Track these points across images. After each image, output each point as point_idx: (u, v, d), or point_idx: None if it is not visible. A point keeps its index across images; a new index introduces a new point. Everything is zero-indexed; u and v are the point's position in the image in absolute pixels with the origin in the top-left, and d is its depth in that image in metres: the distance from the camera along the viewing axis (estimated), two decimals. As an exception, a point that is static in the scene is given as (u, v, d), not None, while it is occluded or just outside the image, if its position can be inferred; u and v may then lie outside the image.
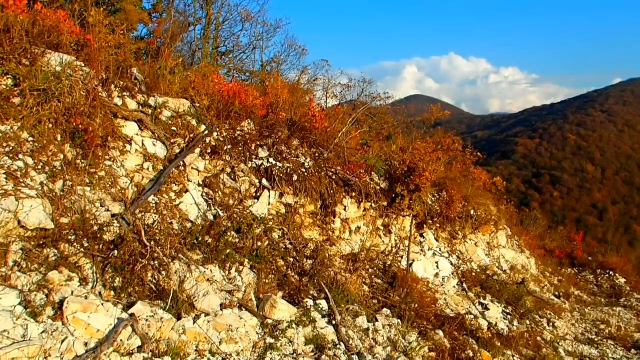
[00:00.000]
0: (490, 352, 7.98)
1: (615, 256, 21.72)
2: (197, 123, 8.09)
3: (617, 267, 19.67)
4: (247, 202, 7.94)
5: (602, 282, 18.52)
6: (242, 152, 8.33)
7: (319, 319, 6.33)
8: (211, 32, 17.99)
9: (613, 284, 18.22)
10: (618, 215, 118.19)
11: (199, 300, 5.50)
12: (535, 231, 23.06)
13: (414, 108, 22.64)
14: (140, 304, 4.87)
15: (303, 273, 7.43)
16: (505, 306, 11.13)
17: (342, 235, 9.65)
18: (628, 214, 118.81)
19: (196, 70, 10.36)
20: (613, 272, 19.18)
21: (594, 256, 21.46)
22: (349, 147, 11.05)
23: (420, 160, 10.73)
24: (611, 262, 20.20)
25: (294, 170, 8.69)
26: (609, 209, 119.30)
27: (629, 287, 17.95)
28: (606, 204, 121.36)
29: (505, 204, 19.45)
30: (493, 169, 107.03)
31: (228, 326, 5.30)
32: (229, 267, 6.49)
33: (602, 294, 16.98)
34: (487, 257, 13.79)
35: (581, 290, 16.60)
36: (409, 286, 8.85)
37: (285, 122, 9.84)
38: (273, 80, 12.70)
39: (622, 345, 10.97)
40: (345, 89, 18.69)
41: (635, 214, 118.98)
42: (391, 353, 6.41)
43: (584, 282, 18.20)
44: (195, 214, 7.06)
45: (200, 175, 7.69)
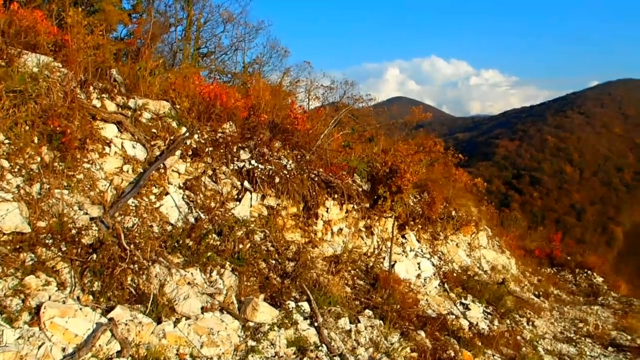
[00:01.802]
0: (471, 352, 8.04)
1: (593, 256, 22.09)
2: (177, 125, 8.03)
3: (595, 266, 20.03)
4: (229, 204, 7.90)
5: (580, 281, 18.83)
6: (223, 154, 8.29)
7: (301, 321, 6.31)
8: (192, 33, 17.89)
9: (591, 283, 18.54)
10: (596, 215, 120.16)
11: (179, 303, 5.44)
12: (516, 231, 23.33)
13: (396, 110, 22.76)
14: (119, 308, 4.81)
15: (285, 275, 7.41)
16: (486, 306, 11.24)
17: (325, 236, 9.64)
18: (605, 215, 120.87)
19: (177, 71, 10.28)
20: (591, 271, 19.52)
21: (573, 256, 21.80)
22: (331, 149, 11.05)
23: (402, 161, 10.79)
24: (589, 261, 20.56)
25: (276, 172, 8.67)
26: (587, 210, 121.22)
27: (606, 286, 18.28)
28: (584, 204, 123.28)
29: (486, 204, 19.65)
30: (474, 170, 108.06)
31: (209, 329, 5.25)
32: (210, 269, 6.44)
33: (581, 293, 17.25)
34: (468, 258, 13.91)
35: (560, 289, 16.84)
36: (391, 287, 8.89)
37: (267, 124, 9.81)
38: (255, 81, 12.66)
39: (600, 343, 11.16)
40: (327, 91, 18.73)
41: (612, 214, 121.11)
42: (373, 354, 6.42)
43: (562, 282, 18.48)
44: (175, 216, 6.99)
45: (180, 178, 7.62)
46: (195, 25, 17.98)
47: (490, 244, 16.02)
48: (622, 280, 19.90)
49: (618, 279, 19.92)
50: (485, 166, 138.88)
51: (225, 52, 19.01)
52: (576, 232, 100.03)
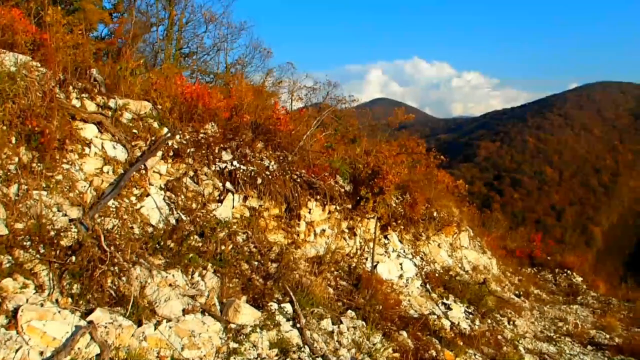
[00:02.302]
0: (452, 351, 8.09)
1: (572, 256, 22.41)
2: (159, 125, 7.96)
3: (574, 266, 20.30)
4: (211, 205, 7.85)
5: (560, 280, 19.06)
6: (205, 155, 8.23)
7: (284, 322, 6.30)
8: (174, 33, 17.76)
9: (570, 282, 18.78)
10: (575, 216, 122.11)
11: (160, 305, 5.40)
12: (497, 232, 23.56)
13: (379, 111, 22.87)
14: (99, 310, 4.75)
15: (267, 276, 7.39)
16: (468, 306, 11.32)
17: (307, 238, 9.64)
18: (584, 215, 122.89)
19: (158, 71, 10.20)
20: (570, 271, 19.77)
21: (553, 256, 22.07)
22: (314, 150, 11.05)
23: (384, 163, 10.84)
24: (568, 261, 20.83)
25: (258, 173, 8.65)
26: (566, 210, 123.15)
27: (585, 285, 18.54)
28: (564, 205, 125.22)
29: (467, 205, 19.82)
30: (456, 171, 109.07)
31: (190, 331, 5.22)
32: (191, 271, 6.39)
33: (560, 293, 17.47)
34: (449, 258, 14.01)
35: (540, 289, 17.03)
36: (373, 288, 8.91)
37: (249, 124, 9.78)
38: (237, 82, 12.61)
39: (579, 341, 11.29)
40: (310, 92, 18.71)
41: (591, 214, 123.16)
42: (355, 355, 6.43)
43: (543, 281, 18.69)
44: (157, 218, 6.93)
45: (162, 179, 7.56)
46: (177, 25, 17.87)
47: (471, 245, 16.15)
48: (601, 279, 20.21)
49: (597, 278, 20.23)
50: (467, 167, 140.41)
51: (207, 52, 18.92)
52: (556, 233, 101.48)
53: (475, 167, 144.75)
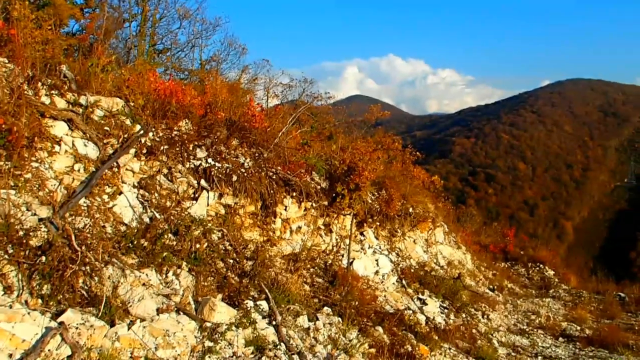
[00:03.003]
0: (427, 346, 8.19)
1: (544, 250, 22.88)
2: (131, 123, 7.84)
3: (547, 260, 20.73)
4: (185, 203, 7.77)
5: (532, 274, 19.44)
6: (179, 153, 8.14)
7: (260, 320, 6.28)
8: (147, 29, 17.52)
9: (543, 276, 19.18)
10: (547, 210, 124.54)
11: (133, 305, 5.33)
12: (471, 227, 23.89)
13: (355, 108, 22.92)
14: (70, 311, 4.66)
15: (243, 274, 7.36)
16: (443, 300, 11.45)
17: (283, 235, 9.62)
18: (556, 210, 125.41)
19: (131, 68, 10.04)
20: (543, 265, 20.18)
21: (526, 250, 22.49)
22: (290, 147, 11.03)
23: (360, 159, 10.87)
24: (541, 255, 21.26)
25: (234, 171, 8.58)
26: (539, 205, 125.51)
27: (557, 278, 18.94)
28: (536, 200, 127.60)
29: (442, 201, 20.05)
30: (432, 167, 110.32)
31: (165, 331, 5.17)
32: (166, 270, 6.32)
33: (533, 286, 17.82)
34: (425, 254, 14.14)
35: (514, 283, 17.33)
36: (349, 284, 8.95)
37: (224, 121, 9.69)
38: (212, 79, 12.50)
39: (551, 334, 11.54)
40: (286, 89, 18.69)
41: (562, 209, 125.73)
42: (332, 351, 6.44)
43: (516, 275, 19.03)
44: (130, 216, 6.83)
45: (135, 177, 7.45)
46: (150, 21, 17.63)
47: (446, 240, 16.34)
48: (572, 273, 20.67)
49: (568, 271, 20.68)
50: (442, 163, 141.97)
51: (181, 48, 18.71)
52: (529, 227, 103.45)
53: (450, 163, 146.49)
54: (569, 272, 20.49)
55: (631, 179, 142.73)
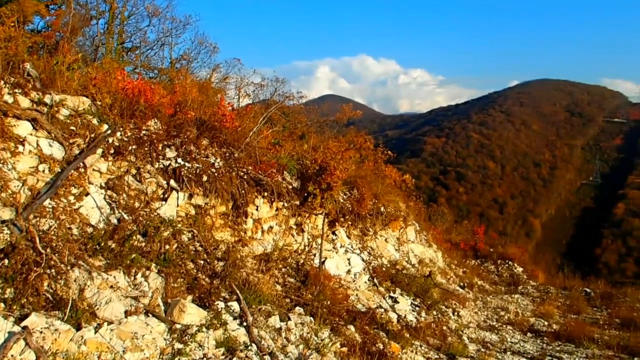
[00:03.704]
0: (399, 344, 8.25)
1: (513, 247, 23.31)
2: (98, 122, 7.68)
3: (515, 257, 21.12)
4: (154, 204, 7.65)
5: (502, 271, 19.78)
6: (148, 153, 8.01)
7: (230, 321, 6.24)
8: (115, 27, 17.14)
9: (512, 273, 19.53)
10: (516, 208, 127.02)
11: (101, 308, 5.23)
12: (443, 226, 24.21)
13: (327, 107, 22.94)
14: (34, 315, 4.55)
15: (214, 275, 7.29)
16: (414, 298, 11.56)
17: (255, 235, 9.57)
18: (525, 207, 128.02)
19: (98, 66, 9.84)
20: (512, 262, 20.55)
21: (495, 248, 22.87)
22: (261, 147, 10.97)
23: (332, 159, 10.89)
24: (510, 252, 21.65)
25: (204, 171, 8.50)
26: (508, 203, 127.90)
27: (525, 275, 19.32)
28: (506, 198, 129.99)
29: (414, 200, 20.23)
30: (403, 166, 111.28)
31: (133, 334, 5.08)
32: (134, 272, 6.22)
33: (502, 283, 18.13)
34: (396, 252, 14.25)
35: (483, 280, 17.61)
36: (321, 284, 8.96)
37: (194, 121, 9.59)
38: (182, 78, 12.34)
39: (520, 329, 11.75)
40: (258, 88, 18.53)
41: (531, 207, 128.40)
42: (303, 351, 6.45)
43: (486, 273, 19.34)
44: (97, 217, 6.70)
45: (102, 177, 7.31)
46: (118, 18, 17.25)
47: (418, 238, 16.50)
48: (540, 269, 21.15)
49: (536, 268, 21.15)
50: (414, 163, 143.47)
51: (151, 47, 18.34)
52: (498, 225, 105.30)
53: (422, 163, 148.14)
54: (537, 269, 20.95)
55: (596, 177, 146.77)
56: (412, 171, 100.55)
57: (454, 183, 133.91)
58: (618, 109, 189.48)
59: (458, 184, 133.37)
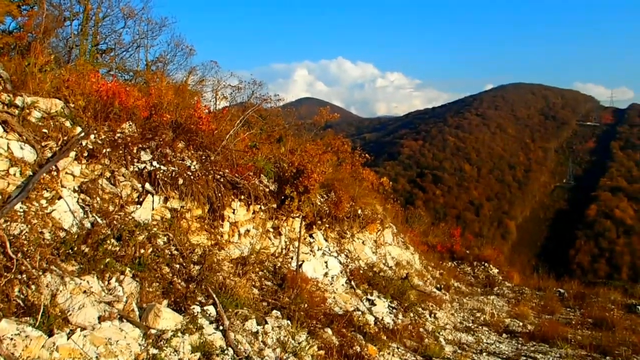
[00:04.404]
0: (376, 346, 8.27)
1: (489, 249, 23.59)
2: (71, 125, 7.56)
3: (491, 258, 21.38)
4: (129, 207, 7.56)
5: (478, 273, 20.00)
6: (122, 156, 7.91)
7: (207, 325, 6.19)
8: (90, 29, 16.92)
9: (488, 274, 19.76)
10: (492, 210, 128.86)
11: (73, 314, 5.14)
12: (419, 228, 24.39)
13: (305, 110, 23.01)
14: (4, 321, 4.46)
15: (190, 279, 7.23)
16: (391, 301, 11.61)
17: (231, 238, 9.52)
18: (500, 209, 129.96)
19: (71, 68, 9.69)
20: (487, 263, 20.80)
21: (471, 249, 23.12)
22: (238, 150, 10.93)
23: (309, 162, 10.89)
24: (486, 254, 21.90)
25: (180, 174, 8.43)
26: (484, 205, 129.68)
27: (501, 276, 19.57)
28: (481, 200, 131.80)
29: (391, 203, 20.35)
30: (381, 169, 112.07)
31: (107, 339, 5.00)
32: (108, 277, 6.13)
33: (478, 284, 18.33)
34: (374, 255, 14.31)
35: (460, 281, 17.78)
36: (298, 287, 8.94)
37: (169, 124, 9.50)
38: (158, 80, 12.24)
39: (495, 330, 11.89)
40: (235, 91, 18.48)
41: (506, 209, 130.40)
42: (280, 354, 6.42)
43: (462, 274, 19.53)
44: (70, 222, 6.59)
45: (75, 181, 7.19)
46: (93, 20, 17.04)
47: (395, 241, 16.58)
48: (515, 270, 21.45)
49: (511, 269, 21.44)
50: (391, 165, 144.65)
51: (126, 49, 18.15)
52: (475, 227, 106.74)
53: (399, 165, 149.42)
54: (513, 270, 21.24)
55: (570, 179, 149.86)
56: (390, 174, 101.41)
57: (430, 185, 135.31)
58: (590, 113, 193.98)
59: (435, 187, 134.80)
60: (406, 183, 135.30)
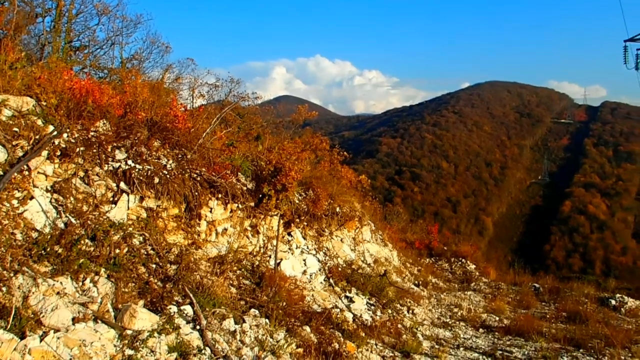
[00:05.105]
0: (354, 343, 8.31)
1: (466, 245, 23.85)
2: (43, 123, 7.41)
3: (468, 254, 21.63)
4: (104, 207, 7.45)
5: (455, 269, 20.20)
6: (96, 154, 7.78)
7: (184, 325, 6.13)
8: (63, 25, 16.60)
9: (465, 270, 19.98)
10: (469, 207, 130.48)
11: (46, 315, 5.05)
12: (398, 225, 24.58)
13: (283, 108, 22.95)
14: (-26, 325, 4.37)
15: (166, 279, 7.16)
16: (370, 298, 11.68)
17: (209, 237, 9.45)
18: (477, 206, 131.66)
19: (43, 65, 9.51)
20: (465, 259, 21.03)
21: (449, 246, 23.36)
22: (215, 148, 10.85)
23: (287, 160, 10.88)
24: (463, 250, 22.15)
25: (155, 173, 8.33)
26: (461, 202, 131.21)
27: (478, 272, 19.81)
28: (459, 197, 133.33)
29: (370, 200, 20.45)
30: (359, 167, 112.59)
31: (81, 341, 4.93)
32: (82, 277, 6.03)
33: (456, 280, 18.52)
34: (352, 252, 14.36)
35: (438, 277, 17.95)
36: (277, 285, 8.92)
37: (145, 122, 9.38)
38: (133, 78, 12.07)
39: (472, 325, 12.03)
40: (212, 89, 18.36)
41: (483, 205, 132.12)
42: (259, 353, 6.41)
43: (440, 270, 19.72)
44: (42, 222, 6.46)
45: (48, 180, 7.05)
46: (66, 16, 16.72)
47: (373, 238, 16.67)
48: (492, 266, 21.75)
49: (488, 265, 21.74)
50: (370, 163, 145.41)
51: (100, 46, 17.84)
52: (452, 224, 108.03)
53: (377, 163, 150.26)
54: (489, 266, 21.53)
55: (545, 176, 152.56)
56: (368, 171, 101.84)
57: (409, 183, 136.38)
58: (565, 111, 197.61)
59: (413, 184, 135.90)
60: (384, 180, 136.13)
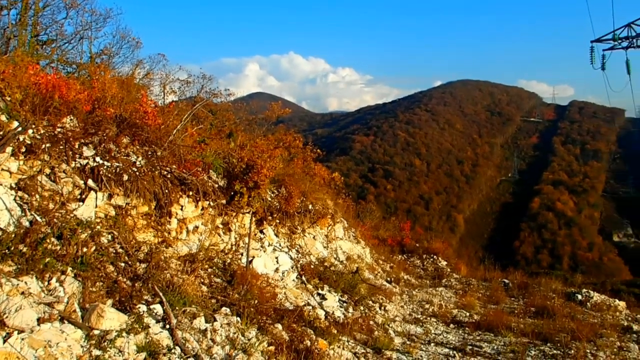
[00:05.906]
0: (326, 340, 8.31)
1: (438, 242, 24.10)
2: (7, 119, 7.23)
3: (440, 251, 21.87)
4: (70, 205, 7.29)
5: (427, 265, 20.41)
6: (63, 151, 7.61)
7: (153, 324, 6.05)
8: (29, 18, 16.18)
9: (436, 266, 20.19)
10: (441, 204, 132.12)
11: (10, 316, 4.92)
12: (371, 222, 24.70)
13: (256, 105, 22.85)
14: None
15: (136, 278, 7.05)
16: (342, 295, 11.71)
17: (179, 235, 9.34)
18: (449, 203, 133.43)
19: (8, 59, 9.26)
20: (436, 256, 21.26)
21: (421, 243, 23.55)
22: (186, 145, 10.73)
23: (259, 157, 10.83)
24: (435, 247, 22.37)
25: (124, 170, 8.19)
26: (433, 199, 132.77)
27: (449, 268, 20.05)
28: (431, 194, 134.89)
29: (343, 197, 20.51)
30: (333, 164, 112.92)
31: (46, 342, 4.82)
32: (48, 277, 5.90)
33: (428, 277, 18.71)
34: (325, 250, 14.38)
35: (410, 274, 18.10)
36: (248, 283, 8.88)
37: (113, 118, 9.22)
38: (102, 73, 11.85)
39: (443, 321, 12.17)
40: (184, 85, 18.15)
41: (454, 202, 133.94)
42: (230, 351, 6.36)
43: (412, 267, 19.89)
44: (6, 220, 6.30)
45: (13, 178, 6.88)
46: (32, 9, 16.30)
47: (346, 235, 16.72)
48: (463, 262, 22.03)
49: (459, 261, 22.01)
50: (343, 160, 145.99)
51: (68, 40, 17.44)
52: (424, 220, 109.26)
53: (350, 160, 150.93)
54: (460, 262, 21.81)
55: (514, 173, 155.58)
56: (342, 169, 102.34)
57: (382, 180, 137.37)
58: (534, 109, 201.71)
59: (386, 181, 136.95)
60: (358, 178, 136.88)
